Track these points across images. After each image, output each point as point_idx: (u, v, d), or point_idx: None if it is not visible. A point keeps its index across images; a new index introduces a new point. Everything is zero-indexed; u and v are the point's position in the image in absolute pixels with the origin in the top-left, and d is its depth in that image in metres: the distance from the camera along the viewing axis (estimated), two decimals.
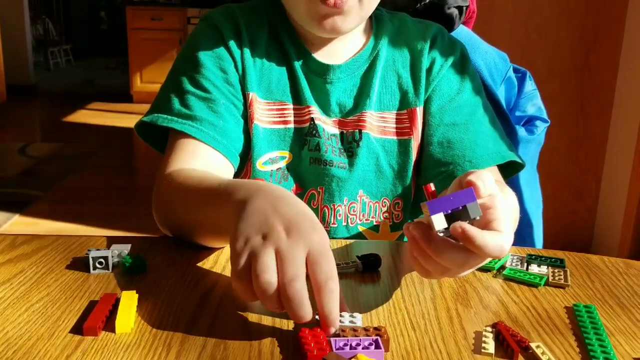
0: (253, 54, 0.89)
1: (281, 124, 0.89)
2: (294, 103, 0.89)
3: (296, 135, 0.89)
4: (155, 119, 0.85)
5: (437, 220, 0.54)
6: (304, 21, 0.86)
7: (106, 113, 6.05)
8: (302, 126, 0.89)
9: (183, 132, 0.83)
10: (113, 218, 3.20)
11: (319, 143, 0.88)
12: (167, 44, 6.19)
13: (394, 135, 0.91)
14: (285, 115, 0.89)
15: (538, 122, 1.14)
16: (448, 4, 1.08)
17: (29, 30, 7.16)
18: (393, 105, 0.92)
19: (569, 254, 0.78)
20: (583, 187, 2.65)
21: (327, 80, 0.90)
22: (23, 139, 4.93)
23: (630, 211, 2.36)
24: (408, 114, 0.91)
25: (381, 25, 0.94)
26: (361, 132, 0.89)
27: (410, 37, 0.94)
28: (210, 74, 0.87)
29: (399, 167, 0.91)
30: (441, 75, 0.92)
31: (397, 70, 0.92)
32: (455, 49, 0.94)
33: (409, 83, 0.92)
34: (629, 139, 2.39)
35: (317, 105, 0.90)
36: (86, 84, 7.93)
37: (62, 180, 3.85)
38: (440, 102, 0.91)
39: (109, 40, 9.95)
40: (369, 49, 0.92)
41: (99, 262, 0.69)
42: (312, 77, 0.90)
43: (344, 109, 0.90)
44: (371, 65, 0.91)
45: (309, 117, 0.88)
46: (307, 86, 0.89)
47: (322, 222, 0.89)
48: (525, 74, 1.18)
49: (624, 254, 2.38)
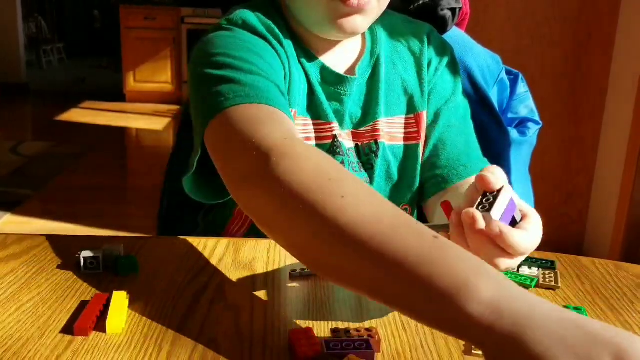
0: (290, 65, 0.81)
1: (305, 140, 0.83)
2: (312, 118, 0.85)
3: None
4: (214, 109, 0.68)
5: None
6: (319, 24, 0.81)
7: (98, 112, 6.02)
8: (323, 142, 0.84)
9: (251, 105, 0.67)
10: (105, 218, 3.19)
11: (343, 161, 0.84)
12: (161, 44, 6.18)
13: (402, 140, 0.89)
14: (307, 131, 0.84)
15: (530, 123, 1.14)
16: (441, 6, 1.07)
17: (22, 29, 7.12)
18: (400, 109, 0.89)
19: (559, 256, 0.78)
20: (575, 189, 2.66)
21: (342, 92, 0.85)
22: (14, 138, 4.90)
23: (621, 212, 2.37)
24: (415, 118, 0.89)
25: (373, 31, 0.91)
26: (377, 142, 0.86)
27: (404, 37, 0.92)
28: (266, 64, 0.74)
29: (408, 173, 0.89)
30: (437, 75, 0.91)
31: (400, 74, 0.90)
32: (447, 49, 0.93)
33: (414, 86, 0.89)
34: (620, 141, 2.40)
35: (335, 119, 0.85)
36: (79, 82, 7.90)
37: (53, 180, 3.84)
38: (437, 103, 0.90)
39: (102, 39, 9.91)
40: (367, 56, 0.89)
41: (90, 262, 0.69)
42: (328, 90, 0.85)
43: (354, 120, 0.87)
44: (374, 72, 0.88)
45: (332, 134, 0.84)
46: (326, 101, 0.84)
47: None
48: (517, 75, 1.18)
49: (615, 255, 2.39)
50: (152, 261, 0.73)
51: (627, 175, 2.35)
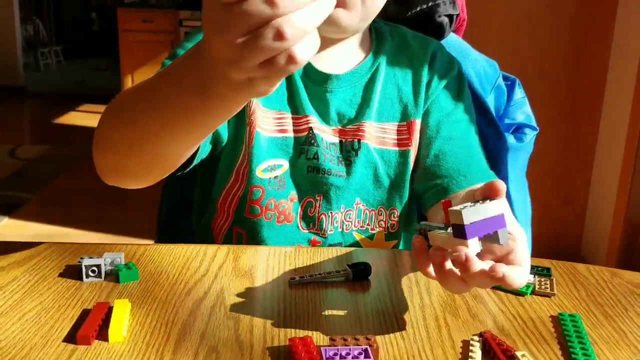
0: None
1: (280, 132, 0.89)
2: (292, 112, 0.90)
3: (295, 143, 0.89)
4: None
5: (472, 245, 0.55)
6: None
7: (97, 115, 6.00)
8: (300, 135, 0.89)
9: None
10: (104, 221, 3.19)
11: (317, 152, 0.89)
12: (159, 46, 6.17)
13: (393, 146, 0.92)
14: (283, 124, 0.90)
15: (527, 129, 1.15)
16: (439, 13, 1.09)
17: (19, 31, 7.12)
18: (394, 116, 0.93)
19: (555, 263, 0.79)
20: (572, 192, 2.67)
21: (327, 89, 0.90)
22: (12, 141, 4.90)
23: (618, 215, 2.39)
24: (407, 125, 0.92)
25: (381, 40, 0.95)
26: (360, 141, 0.90)
27: (410, 52, 0.96)
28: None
29: (397, 177, 0.92)
30: (440, 90, 0.94)
31: (398, 83, 0.93)
32: (453, 65, 0.97)
33: (409, 95, 0.93)
34: (617, 143, 2.41)
35: (316, 114, 0.90)
36: (77, 85, 7.89)
37: (52, 183, 3.84)
38: (438, 116, 0.93)
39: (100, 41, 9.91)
40: (369, 62, 0.93)
41: (92, 270, 0.70)
42: (311, 86, 0.90)
43: (343, 118, 0.91)
44: (372, 77, 0.92)
45: (308, 126, 0.89)
46: (305, 96, 0.90)
47: (319, 230, 0.90)
48: (514, 81, 1.19)
49: (612, 258, 2.40)
50: (153, 269, 0.73)
51: (624, 178, 2.36)
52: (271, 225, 0.89)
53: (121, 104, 0.66)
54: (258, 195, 0.88)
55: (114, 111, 0.67)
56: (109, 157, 0.70)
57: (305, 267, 0.76)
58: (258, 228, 0.89)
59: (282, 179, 0.89)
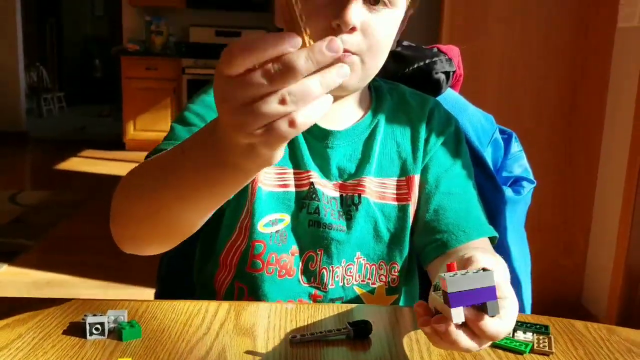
0: None
1: (282, 187, 0.91)
2: (294, 167, 0.92)
3: (296, 198, 0.91)
4: (156, 148, 0.85)
5: (456, 314, 0.55)
6: None
7: (98, 161, 6.06)
8: (301, 190, 0.91)
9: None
10: (104, 268, 3.18)
11: (318, 207, 0.90)
12: (161, 93, 6.26)
13: (392, 200, 0.94)
14: (285, 179, 0.92)
15: (525, 182, 1.17)
16: (435, 69, 1.12)
17: (23, 78, 7.22)
18: (393, 172, 0.95)
19: (553, 320, 0.80)
20: (572, 241, 2.67)
21: (328, 145, 0.92)
22: (13, 187, 4.92)
23: (618, 264, 2.39)
24: (407, 181, 0.95)
25: (381, 97, 0.98)
26: (360, 196, 0.92)
27: (409, 109, 0.98)
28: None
29: (397, 231, 0.94)
30: (438, 146, 0.96)
31: (397, 140, 0.96)
32: (451, 122, 0.99)
33: (408, 152, 0.95)
34: (616, 193, 2.43)
35: (317, 169, 0.92)
36: (78, 131, 7.96)
37: (52, 229, 3.84)
38: (437, 172, 0.95)
39: (103, 88, 10.04)
40: (368, 119, 0.96)
41: (96, 328, 0.71)
42: (312, 142, 0.92)
43: (344, 173, 0.93)
44: (372, 134, 0.95)
45: (309, 181, 0.91)
46: (307, 151, 0.92)
47: (320, 284, 0.91)
48: (511, 135, 1.21)
49: (613, 308, 2.39)
50: (155, 326, 0.74)
51: (623, 226, 2.37)
52: (272, 280, 0.90)
53: (138, 178, 0.70)
54: (260, 250, 0.89)
55: (131, 185, 0.71)
56: (127, 228, 0.74)
57: (307, 324, 0.76)
58: (259, 283, 0.90)
59: (283, 233, 0.91)
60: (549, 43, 2.51)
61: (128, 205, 0.72)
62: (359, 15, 0.81)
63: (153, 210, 0.66)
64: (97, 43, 10.59)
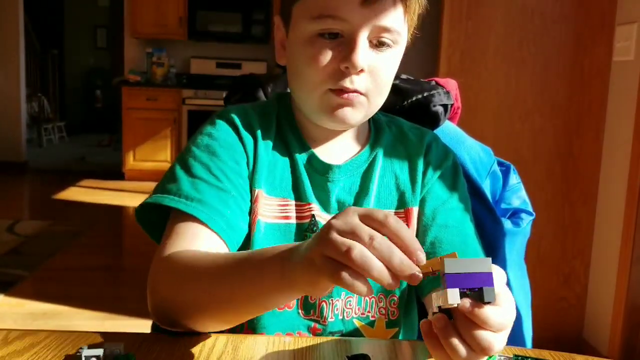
0: (263, 151, 0.93)
1: (283, 219, 0.92)
2: (296, 199, 0.92)
3: (297, 230, 0.91)
4: (162, 199, 0.85)
5: (452, 294, 0.56)
6: (316, 113, 0.91)
7: (97, 190, 6.06)
8: (302, 222, 0.92)
9: (189, 215, 0.83)
10: (100, 299, 3.16)
11: None
12: (162, 124, 6.29)
13: None
14: (287, 210, 0.92)
15: (523, 214, 1.17)
16: (433, 102, 1.13)
17: (24, 108, 7.26)
18: (392, 204, 0.95)
19: (554, 354, 0.79)
20: (572, 273, 2.66)
21: (329, 179, 0.93)
22: (11, 217, 4.91)
23: (620, 295, 2.37)
24: (405, 213, 0.95)
25: (379, 130, 1.00)
26: None
27: (407, 142, 1.00)
28: (225, 165, 0.89)
29: None
30: (435, 179, 0.97)
31: (395, 172, 0.97)
32: (448, 156, 1.00)
33: (406, 184, 0.96)
34: (615, 225, 2.43)
35: (317, 202, 0.93)
36: (78, 161, 7.98)
37: (49, 260, 3.82)
38: (434, 204, 0.95)
39: (103, 118, 10.10)
40: (367, 152, 0.97)
41: None
42: (314, 175, 0.93)
43: (343, 206, 0.93)
44: (370, 166, 0.96)
45: (310, 213, 0.91)
46: (309, 184, 0.93)
47: (319, 317, 0.90)
48: (509, 167, 1.22)
49: (615, 340, 2.37)
50: (152, 359, 0.73)
51: (623, 258, 2.36)
52: (271, 313, 0.89)
53: (192, 273, 0.76)
54: None
55: (185, 277, 0.77)
56: (172, 313, 0.79)
57: (305, 358, 0.75)
58: (258, 315, 0.89)
59: None
60: (547, 76, 2.54)
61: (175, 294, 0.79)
62: (366, 58, 0.84)
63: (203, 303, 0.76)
64: (99, 74, 10.70)
